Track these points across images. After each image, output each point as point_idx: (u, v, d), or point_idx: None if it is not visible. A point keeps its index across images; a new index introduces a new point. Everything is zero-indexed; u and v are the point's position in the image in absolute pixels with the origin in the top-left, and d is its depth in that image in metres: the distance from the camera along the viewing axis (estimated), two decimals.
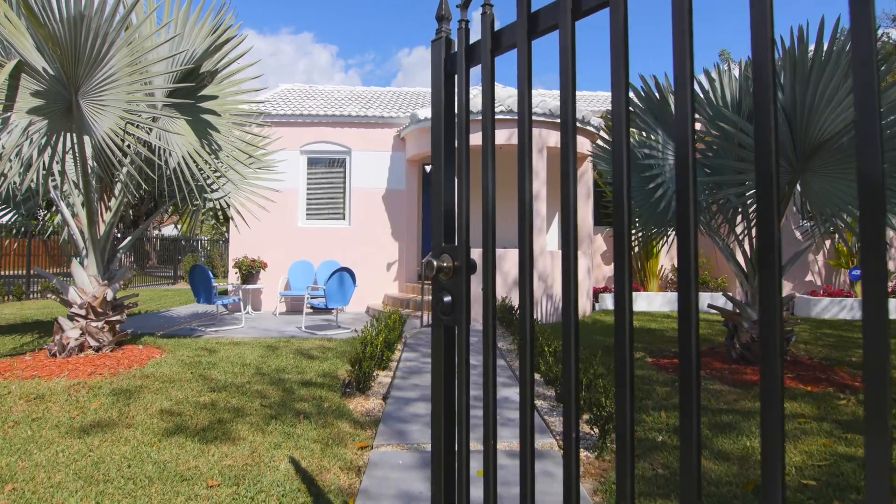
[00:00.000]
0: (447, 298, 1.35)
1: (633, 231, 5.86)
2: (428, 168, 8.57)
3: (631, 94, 5.20)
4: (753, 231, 5.22)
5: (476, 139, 8.16)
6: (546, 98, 8.55)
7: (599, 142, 6.12)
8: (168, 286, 17.61)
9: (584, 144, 8.77)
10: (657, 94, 4.98)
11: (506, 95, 8.67)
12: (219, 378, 4.46)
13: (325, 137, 9.70)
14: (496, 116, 7.96)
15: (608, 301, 9.62)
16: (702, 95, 4.89)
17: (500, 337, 6.85)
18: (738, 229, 6.99)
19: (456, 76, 1.36)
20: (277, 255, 9.48)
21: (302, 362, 5.08)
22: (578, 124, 8.41)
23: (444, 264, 1.35)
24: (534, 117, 8.05)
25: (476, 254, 8.04)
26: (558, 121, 7.18)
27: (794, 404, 3.94)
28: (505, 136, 8.09)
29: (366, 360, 4.22)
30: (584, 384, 3.55)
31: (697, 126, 5.40)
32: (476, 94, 8.72)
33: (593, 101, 11.46)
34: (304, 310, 7.60)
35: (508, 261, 7.99)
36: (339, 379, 4.56)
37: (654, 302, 9.69)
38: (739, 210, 5.07)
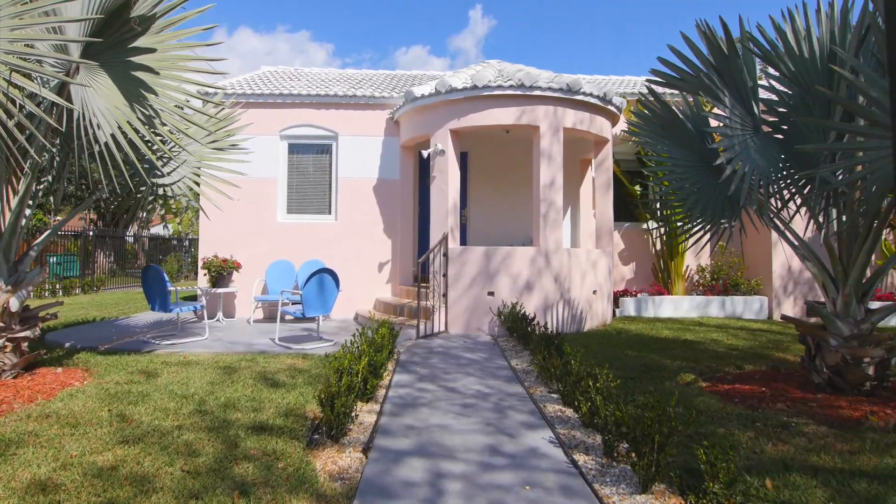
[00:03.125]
0: None
1: (685, 221, 4.73)
2: (425, 153, 7.42)
3: (685, 51, 4.06)
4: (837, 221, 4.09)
5: (481, 119, 7.03)
6: (562, 74, 7.41)
7: (633, 112, 4.99)
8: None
9: (604, 127, 7.64)
10: (724, 46, 3.83)
11: (515, 70, 7.53)
12: (142, 419, 3.30)
13: (309, 120, 8.53)
14: (504, 92, 6.83)
15: (630, 306, 8.48)
16: (781, 45, 3.76)
17: (513, 353, 5.71)
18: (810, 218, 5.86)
19: None
20: (253, 253, 8.31)
21: (261, 392, 3.92)
22: (598, 102, 7.28)
23: None
24: (549, 93, 6.90)
25: (480, 253, 6.91)
26: (576, 97, 5.99)
27: None
28: (514, 116, 6.95)
29: (340, 398, 3.07)
30: (662, 433, 2.39)
31: (763, 94, 4.26)
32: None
33: (620, 84, 10.33)
34: (278, 318, 6.44)
35: (518, 259, 6.85)
36: (307, 418, 3.40)
37: (680, 307, 8.57)
38: (825, 194, 3.93)
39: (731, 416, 3.53)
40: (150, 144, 4.43)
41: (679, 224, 5.08)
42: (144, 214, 35.03)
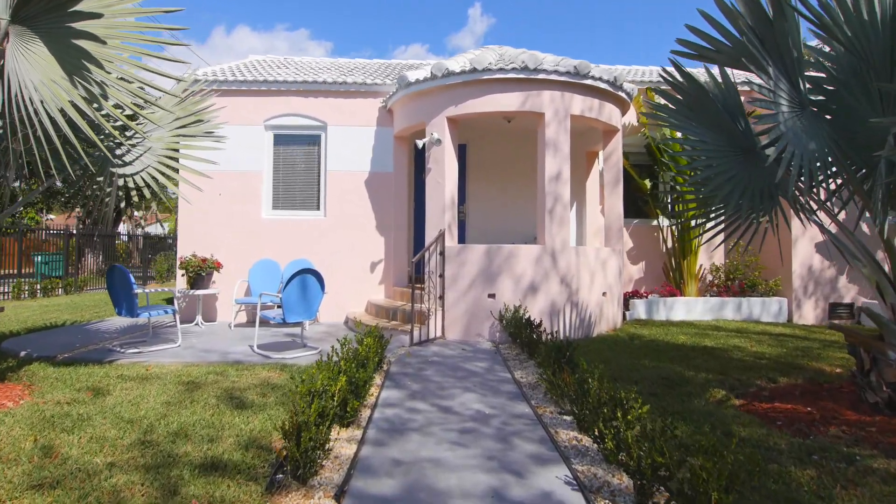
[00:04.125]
0: None
1: (703, 216, 4.16)
2: (420, 143, 6.84)
3: (719, 17, 3.49)
4: None
5: (481, 105, 6.44)
6: (567, 58, 6.82)
7: (656, 91, 4.42)
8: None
9: (613, 115, 7.06)
10: (769, 7, 3.25)
11: (517, 53, 6.94)
12: (71, 453, 2.72)
13: (296, 110, 7.94)
14: (506, 76, 6.26)
15: (640, 308, 7.91)
16: (835, 6, 3.18)
17: (517, 362, 5.13)
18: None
19: None
20: (236, 252, 7.72)
21: (223, 415, 3.34)
22: (608, 87, 6.70)
23: None
24: (555, 77, 6.32)
25: (480, 251, 6.34)
26: (585, 82, 5.36)
27: None
28: (517, 102, 6.37)
29: (309, 429, 2.49)
30: (720, 486, 1.82)
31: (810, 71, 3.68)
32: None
33: (628, 74, 9.72)
34: (257, 323, 5.86)
35: (521, 259, 6.28)
36: (272, 451, 2.82)
37: (694, 309, 8.00)
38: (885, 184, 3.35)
39: (779, 446, 2.96)
40: (97, 128, 3.85)
41: (700, 220, 4.52)
42: (141, 212, 34.49)
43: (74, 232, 14.71)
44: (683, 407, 3.64)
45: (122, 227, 35.54)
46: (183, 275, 7.34)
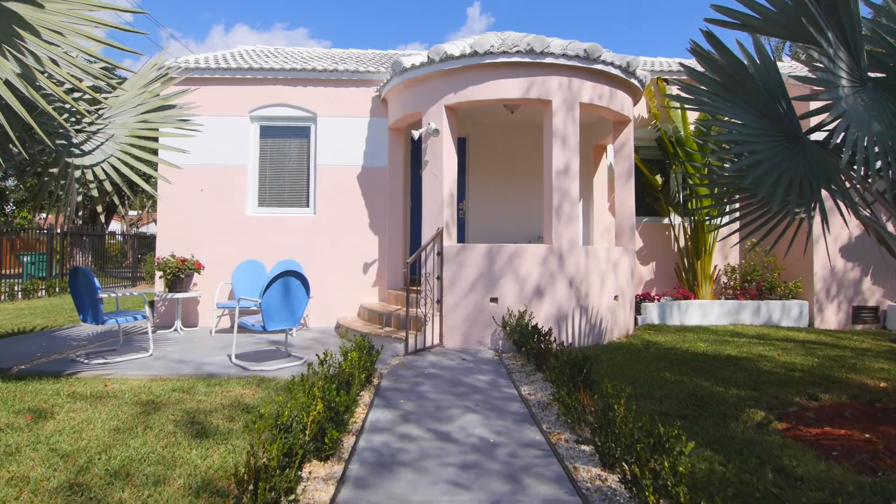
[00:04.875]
0: None
1: (729, 211, 3.65)
2: (416, 134, 6.32)
3: None
4: None
5: (482, 92, 5.92)
6: (576, 41, 6.29)
7: (686, 68, 3.88)
8: (123, 291, 15.24)
9: (625, 104, 6.54)
10: None
11: (521, 37, 6.42)
12: None
13: (283, 99, 7.42)
14: (510, 59, 5.75)
15: (653, 313, 7.40)
16: None
17: (523, 374, 4.60)
18: None
19: None
20: (219, 253, 7.20)
21: (178, 447, 2.81)
22: (620, 73, 6.18)
23: None
24: (563, 61, 5.80)
25: (482, 251, 5.82)
26: (595, 66, 4.56)
27: None
28: (521, 89, 5.85)
29: (267, 480, 1.97)
30: None
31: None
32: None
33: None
34: (235, 330, 5.34)
35: (526, 260, 5.76)
36: (229, 496, 2.30)
37: (709, 313, 7.49)
38: None
39: (846, 487, 2.44)
40: (34, 108, 3.32)
41: (730, 218, 4.01)
42: (136, 212, 33.89)
43: (58, 231, 14.14)
44: (720, 432, 3.13)
45: (116, 227, 34.94)
46: (161, 276, 6.81)
